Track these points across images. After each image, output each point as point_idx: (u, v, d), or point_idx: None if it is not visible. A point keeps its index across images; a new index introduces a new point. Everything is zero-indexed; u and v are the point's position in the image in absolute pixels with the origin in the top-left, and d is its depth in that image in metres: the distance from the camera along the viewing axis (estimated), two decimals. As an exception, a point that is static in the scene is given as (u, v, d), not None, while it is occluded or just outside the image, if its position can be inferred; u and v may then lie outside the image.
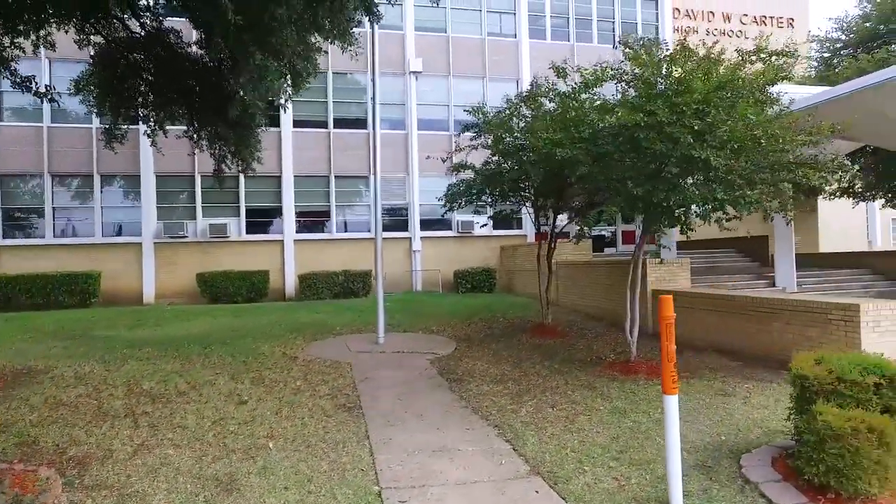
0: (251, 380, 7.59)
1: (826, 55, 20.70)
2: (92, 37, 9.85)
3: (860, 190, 16.50)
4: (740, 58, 7.58)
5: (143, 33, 9.88)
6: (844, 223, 27.44)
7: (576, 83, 8.83)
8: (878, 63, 15.79)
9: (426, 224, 20.72)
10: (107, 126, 11.02)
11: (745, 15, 24.68)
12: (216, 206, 19.16)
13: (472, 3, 21.49)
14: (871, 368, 3.99)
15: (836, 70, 18.13)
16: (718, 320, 9.58)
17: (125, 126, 11.01)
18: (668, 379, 3.85)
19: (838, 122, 7.51)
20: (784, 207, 7.19)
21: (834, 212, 25.41)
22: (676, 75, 6.76)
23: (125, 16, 9.88)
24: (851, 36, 18.98)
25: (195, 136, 11.65)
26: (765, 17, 24.96)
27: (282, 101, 11.64)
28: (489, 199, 11.86)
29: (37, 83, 9.48)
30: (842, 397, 3.94)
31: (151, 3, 10.08)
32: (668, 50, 7.91)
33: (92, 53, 10.41)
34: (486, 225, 11.79)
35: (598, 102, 8.10)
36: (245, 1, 5.98)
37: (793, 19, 25.05)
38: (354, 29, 9.52)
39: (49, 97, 9.38)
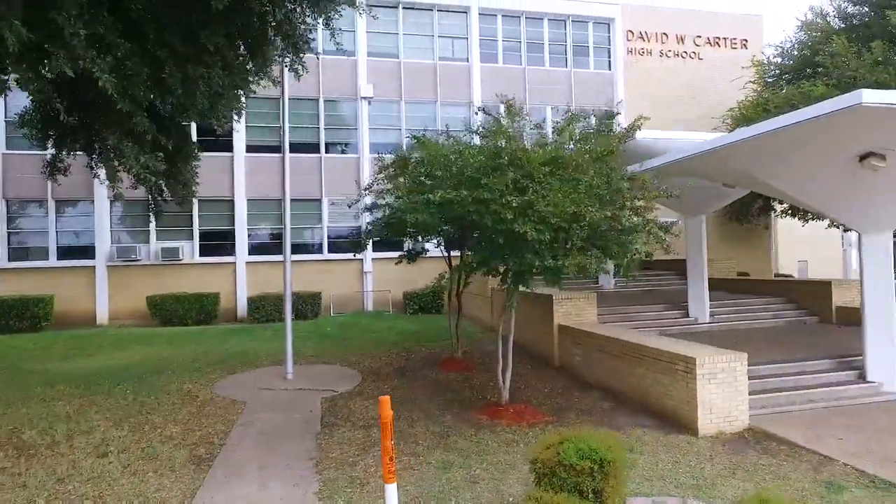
0: (132, 426, 8.07)
1: (769, 80, 21.15)
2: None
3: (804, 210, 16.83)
4: (568, 134, 8.04)
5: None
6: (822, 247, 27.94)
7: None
8: (805, 94, 16.24)
9: (378, 245, 21.13)
10: (49, 158, 11.40)
11: (699, 36, 25.11)
12: (170, 229, 19.65)
13: (424, 29, 21.98)
14: (589, 453, 4.46)
15: (767, 99, 18.59)
16: (605, 360, 10.04)
17: (70, 156, 11.25)
18: (386, 471, 4.27)
19: (678, 184, 7.97)
20: (627, 269, 7.65)
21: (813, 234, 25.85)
22: (474, 161, 7.15)
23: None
24: (789, 62, 19.41)
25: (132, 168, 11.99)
26: (718, 38, 25.39)
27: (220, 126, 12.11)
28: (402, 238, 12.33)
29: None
30: (561, 480, 4.40)
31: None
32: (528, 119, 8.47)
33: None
34: (399, 262, 12.19)
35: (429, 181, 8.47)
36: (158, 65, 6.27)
37: (746, 40, 25.47)
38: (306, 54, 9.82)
39: None
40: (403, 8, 21.60)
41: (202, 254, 20.04)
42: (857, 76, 14.56)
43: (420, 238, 12.07)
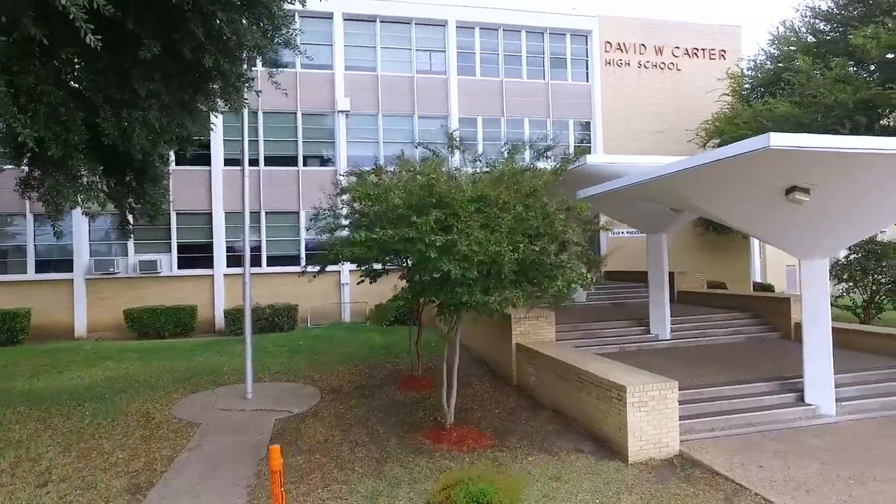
0: (80, 452, 8.27)
1: (743, 92, 21.33)
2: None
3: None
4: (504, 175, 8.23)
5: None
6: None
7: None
8: (769, 112, 16.43)
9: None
10: (24, 176, 11.61)
11: (678, 48, 25.29)
12: (148, 242, 19.85)
13: (402, 43, 22.18)
14: (478, 496, 4.66)
15: (737, 113, 18.79)
16: (555, 382, 10.22)
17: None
18: (275, 514, 4.47)
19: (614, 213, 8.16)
20: (557, 302, 7.80)
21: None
22: (398, 202, 7.31)
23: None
24: (760, 76, 19.60)
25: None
26: (696, 49, 25.58)
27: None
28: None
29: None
30: (450, 522, 4.61)
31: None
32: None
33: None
34: (361, 282, 12.30)
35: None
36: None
37: (724, 51, 25.66)
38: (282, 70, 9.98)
39: None
40: (381, 21, 21.80)
41: (180, 266, 20.24)
42: (818, 95, 14.76)
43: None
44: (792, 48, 18.75)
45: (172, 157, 17.83)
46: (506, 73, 23.02)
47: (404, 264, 9.90)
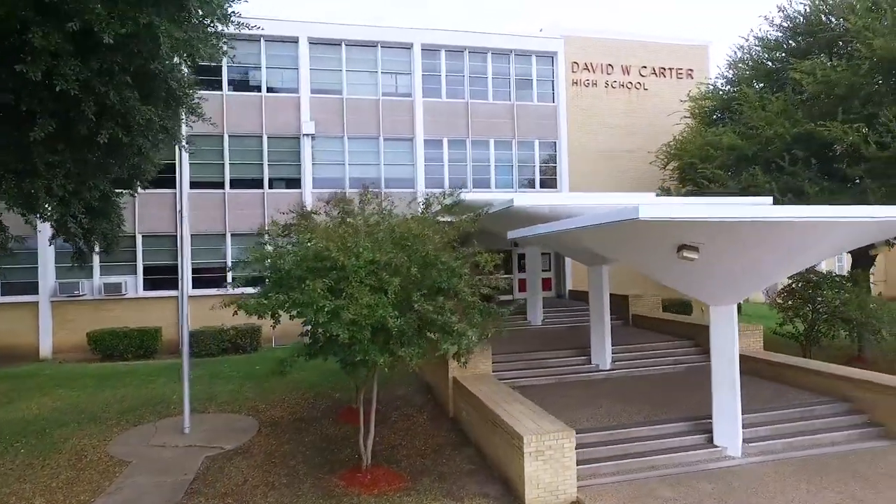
0: None
1: (703, 115, 21.58)
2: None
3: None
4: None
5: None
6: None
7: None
8: (718, 140, 16.70)
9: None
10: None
11: (645, 67, 25.57)
12: (114, 264, 20.12)
13: (368, 66, 22.48)
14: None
15: (688, 140, 19.08)
16: (479, 420, 10.48)
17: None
18: None
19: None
20: (458, 357, 8.09)
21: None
22: (288, 268, 7.61)
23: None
24: (713, 104, 19.88)
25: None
26: (664, 68, 25.85)
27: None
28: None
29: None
30: None
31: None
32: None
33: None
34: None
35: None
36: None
37: (692, 70, 25.94)
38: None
39: None
40: (346, 45, 22.10)
41: (146, 288, 20.52)
42: (758, 127, 15.05)
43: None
44: (747, 72, 19.03)
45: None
46: (471, 95, 23.31)
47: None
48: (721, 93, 19.78)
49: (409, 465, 9.84)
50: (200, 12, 7.39)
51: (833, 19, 15.59)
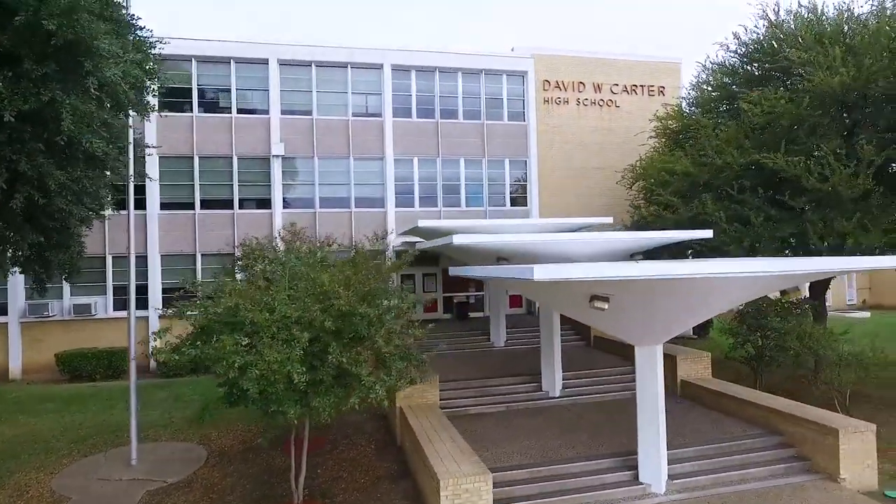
0: (-66, 538, 8.77)
1: (669, 134, 21.77)
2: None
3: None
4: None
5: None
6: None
7: None
8: (673, 166, 16.92)
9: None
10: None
11: (616, 84, 25.81)
12: (84, 285, 20.31)
13: (338, 86, 22.70)
14: None
15: (649, 163, 19.30)
16: (414, 453, 10.70)
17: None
18: None
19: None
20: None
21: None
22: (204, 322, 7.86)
23: None
24: (675, 126, 20.07)
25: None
26: (636, 86, 26.09)
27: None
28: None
29: None
30: None
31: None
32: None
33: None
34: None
35: None
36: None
37: (663, 87, 26.18)
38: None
39: None
40: (317, 66, 22.32)
41: (116, 308, 20.72)
42: (707, 156, 15.29)
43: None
44: (712, 93, 19.24)
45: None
46: (442, 115, 23.53)
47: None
48: (685, 114, 19.99)
49: (343, 500, 10.06)
50: (108, 105, 7.63)
51: (786, 47, 15.81)
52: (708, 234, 12.80)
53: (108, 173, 10.28)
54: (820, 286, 16.51)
